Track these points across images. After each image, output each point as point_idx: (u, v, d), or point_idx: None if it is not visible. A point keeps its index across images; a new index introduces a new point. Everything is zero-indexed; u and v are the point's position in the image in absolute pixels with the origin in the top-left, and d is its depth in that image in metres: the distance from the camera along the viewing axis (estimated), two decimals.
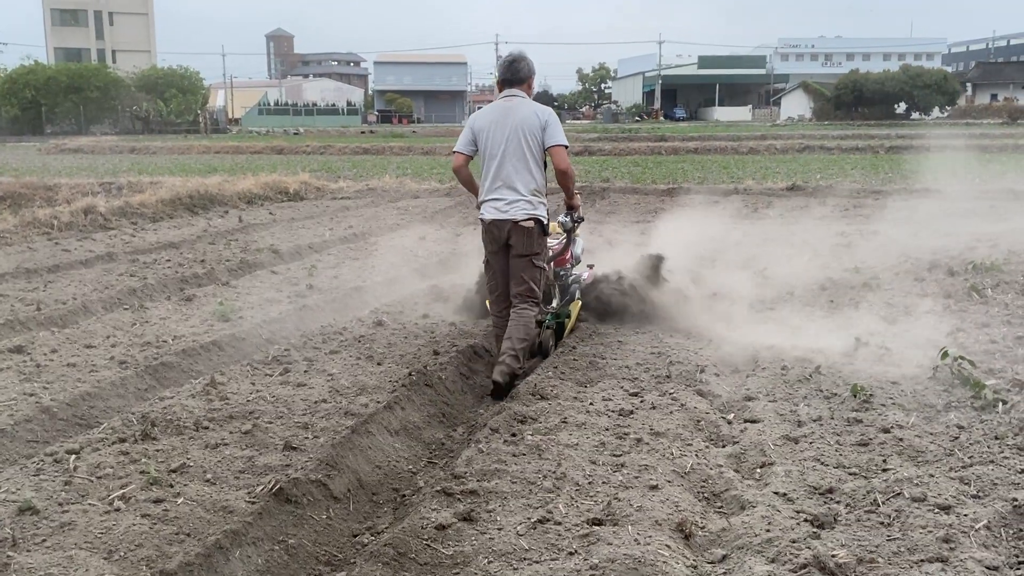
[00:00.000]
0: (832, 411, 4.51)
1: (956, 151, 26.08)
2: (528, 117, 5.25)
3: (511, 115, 5.28)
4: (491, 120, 5.33)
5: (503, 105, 5.34)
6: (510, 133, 5.25)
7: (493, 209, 5.34)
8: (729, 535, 3.23)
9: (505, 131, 5.26)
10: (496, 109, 5.36)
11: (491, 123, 5.32)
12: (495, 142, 5.29)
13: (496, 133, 5.29)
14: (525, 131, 5.24)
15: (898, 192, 16.22)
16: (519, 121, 5.25)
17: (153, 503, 3.51)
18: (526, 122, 5.25)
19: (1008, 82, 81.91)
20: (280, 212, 14.96)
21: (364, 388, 5.06)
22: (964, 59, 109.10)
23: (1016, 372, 5.01)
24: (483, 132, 5.35)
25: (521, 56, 5.44)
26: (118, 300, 7.51)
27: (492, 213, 5.34)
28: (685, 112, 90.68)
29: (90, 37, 74.85)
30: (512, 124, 5.25)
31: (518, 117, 5.26)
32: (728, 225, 11.77)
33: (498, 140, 5.27)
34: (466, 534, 3.21)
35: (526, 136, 5.24)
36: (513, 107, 5.30)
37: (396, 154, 33.93)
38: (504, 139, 5.26)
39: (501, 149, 5.27)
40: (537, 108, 5.32)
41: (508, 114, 5.29)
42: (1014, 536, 3.11)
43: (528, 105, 5.32)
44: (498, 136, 5.28)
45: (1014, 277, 7.84)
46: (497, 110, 5.35)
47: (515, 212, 5.28)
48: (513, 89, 5.38)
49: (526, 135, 5.24)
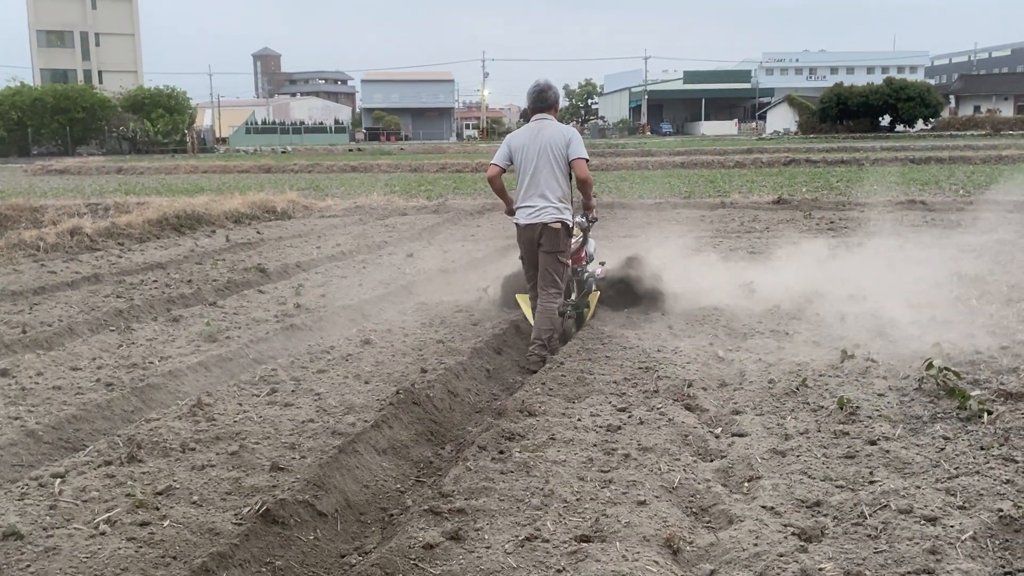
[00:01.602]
0: (819, 424, 4.52)
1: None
2: (555, 136, 6.26)
3: (542, 134, 6.29)
4: (525, 139, 6.35)
5: (535, 126, 6.36)
6: (541, 150, 6.26)
7: (527, 214, 6.36)
8: (717, 550, 3.23)
9: (537, 148, 6.27)
10: (529, 130, 6.39)
11: (525, 141, 6.33)
12: (528, 157, 6.30)
13: (529, 150, 6.30)
14: (553, 148, 6.24)
15: (883, 204, 16.33)
16: (548, 139, 6.26)
17: (139, 526, 3.49)
18: (554, 140, 6.25)
19: (990, 94, 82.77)
20: (267, 231, 14.94)
21: (351, 407, 5.04)
22: (947, 71, 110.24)
23: (1001, 382, 5.04)
24: (519, 149, 6.36)
25: (548, 86, 6.45)
26: (104, 322, 7.48)
27: (526, 218, 6.37)
28: (672, 127, 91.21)
29: (76, 58, 74.82)
30: (542, 142, 6.26)
31: (547, 136, 6.27)
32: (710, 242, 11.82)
33: (531, 156, 6.29)
34: (454, 553, 3.20)
35: (554, 152, 6.24)
36: (543, 128, 6.32)
37: (384, 171, 33.99)
38: (536, 155, 6.27)
39: (534, 163, 6.28)
40: (563, 128, 6.35)
41: (539, 133, 6.30)
42: (1000, 547, 3.13)
43: (555, 126, 6.35)
44: (531, 152, 6.29)
45: (998, 288, 7.90)
46: (530, 130, 6.37)
47: (545, 216, 6.29)
48: (543, 113, 6.40)
49: (554, 151, 6.24)
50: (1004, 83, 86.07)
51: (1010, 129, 63.55)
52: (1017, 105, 79.82)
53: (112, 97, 61.14)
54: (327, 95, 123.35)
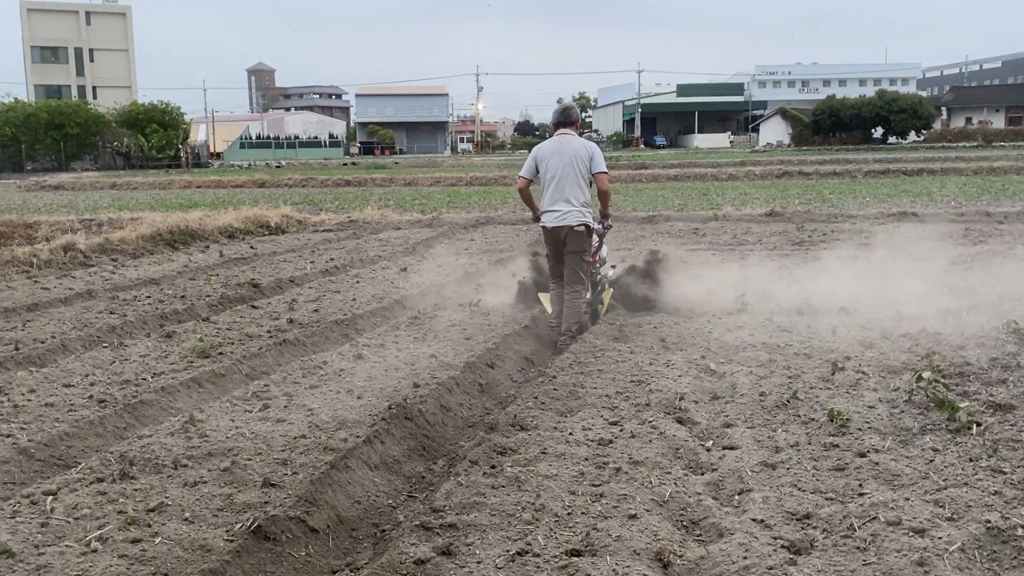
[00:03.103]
0: (809, 436, 4.54)
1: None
2: (579, 149, 7.08)
3: (566, 147, 7.09)
4: (551, 151, 7.15)
5: (559, 140, 7.16)
6: (566, 161, 7.05)
7: (553, 218, 7.11)
8: (707, 563, 3.25)
9: (562, 160, 7.05)
10: (554, 143, 7.18)
11: (550, 153, 7.13)
12: (553, 168, 7.08)
13: (554, 161, 7.09)
14: (576, 160, 7.04)
15: (875, 216, 16.40)
16: (572, 152, 7.07)
17: (131, 543, 3.49)
18: (577, 153, 7.06)
19: (982, 105, 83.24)
20: (261, 246, 14.95)
21: (344, 423, 5.05)
22: (938, 83, 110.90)
23: (991, 394, 5.06)
24: (544, 160, 7.15)
25: (571, 105, 7.48)
26: (97, 338, 7.48)
27: (553, 221, 7.13)
28: (665, 140, 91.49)
29: (71, 74, 74.97)
30: (567, 154, 7.06)
31: (571, 149, 7.08)
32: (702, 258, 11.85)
33: (556, 166, 7.07)
34: (445, 568, 3.21)
35: (577, 163, 7.04)
36: (567, 142, 7.13)
37: (378, 186, 34.03)
38: (561, 165, 7.05)
39: (559, 173, 7.05)
40: (586, 143, 7.17)
41: (564, 147, 7.10)
42: (988, 558, 3.14)
43: (578, 140, 7.18)
44: (555, 163, 7.07)
45: (988, 299, 7.94)
46: (555, 144, 7.16)
47: (570, 219, 7.08)
48: (566, 129, 7.21)
49: (576, 162, 7.04)
50: (995, 95, 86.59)
51: (1001, 140, 63.93)
52: (1008, 116, 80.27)
53: (106, 112, 61.23)
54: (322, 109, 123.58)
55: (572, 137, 7.19)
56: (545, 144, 7.29)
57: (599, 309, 8.00)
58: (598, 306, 7.99)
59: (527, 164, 7.27)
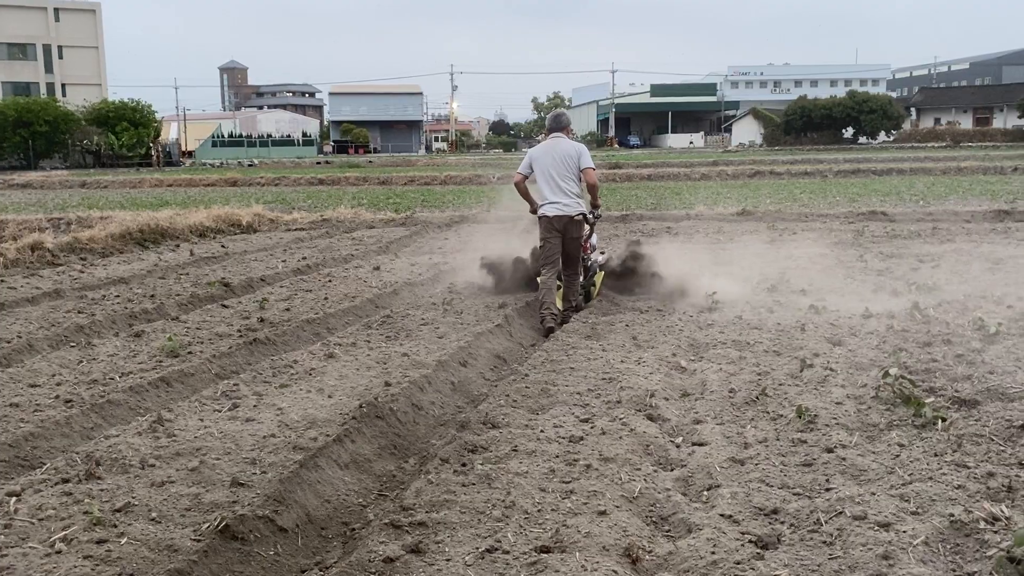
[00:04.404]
0: (778, 432, 4.58)
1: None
2: (569, 149, 7.88)
3: (556, 148, 7.89)
4: (543, 152, 7.93)
5: (551, 142, 7.96)
6: (557, 160, 7.83)
7: (554, 208, 7.82)
8: (675, 559, 3.26)
9: (555, 159, 7.83)
10: (547, 145, 7.99)
11: (543, 154, 7.91)
12: (547, 166, 7.85)
13: (546, 160, 7.87)
14: (567, 158, 7.83)
15: (845, 215, 16.57)
16: (563, 152, 7.86)
17: (96, 544, 3.45)
18: (567, 152, 7.85)
19: (950, 106, 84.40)
20: (232, 245, 14.84)
21: (314, 422, 5.02)
22: (908, 84, 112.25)
23: (956, 390, 5.13)
24: (538, 160, 7.91)
25: (563, 112, 8.37)
26: (65, 338, 7.38)
27: (554, 211, 7.83)
28: (639, 140, 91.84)
29: (39, 71, 73.84)
30: (558, 154, 7.85)
31: (562, 149, 7.87)
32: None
33: (549, 164, 7.84)
34: (414, 566, 3.20)
35: (567, 162, 7.82)
36: (558, 143, 7.92)
37: (352, 184, 33.90)
38: (553, 164, 7.82)
39: (552, 170, 7.82)
40: (574, 143, 8.00)
41: (555, 148, 7.90)
42: (951, 551, 3.19)
43: (567, 142, 7.98)
44: (548, 162, 7.85)
45: (955, 296, 8.05)
46: (547, 146, 7.97)
47: (570, 210, 7.83)
48: (557, 133, 7.99)
49: (567, 161, 7.82)
50: (963, 96, 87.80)
51: (969, 141, 64.83)
52: (976, 117, 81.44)
53: (76, 110, 60.36)
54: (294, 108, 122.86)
55: (563, 139, 7.97)
56: (539, 146, 8.12)
57: (591, 291, 8.81)
58: (591, 288, 8.81)
59: (523, 163, 8.04)
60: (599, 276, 9.03)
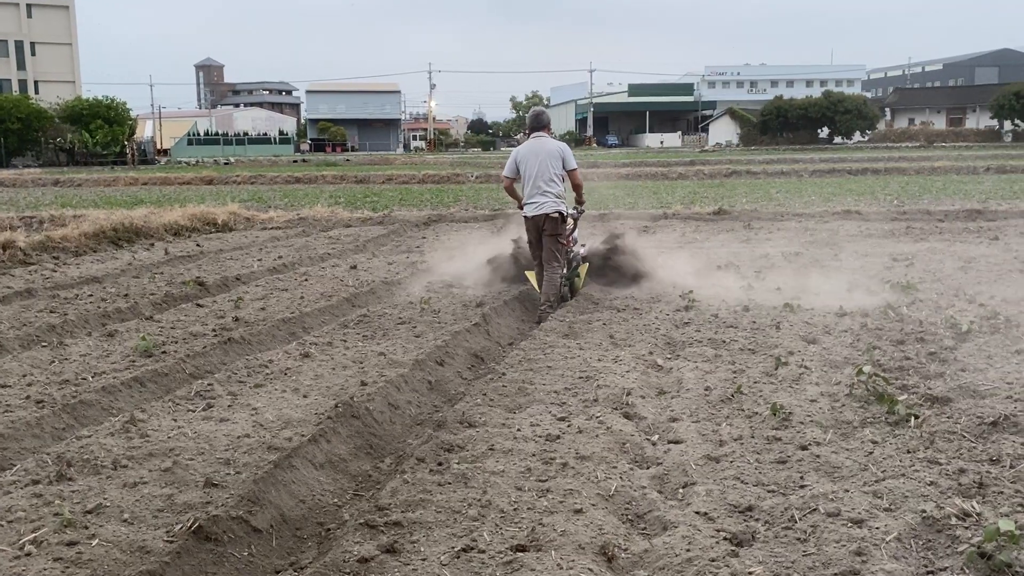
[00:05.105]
0: (753, 430, 4.60)
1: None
2: (552, 149, 8.13)
3: (541, 148, 8.12)
4: (528, 152, 8.16)
5: (535, 142, 8.18)
6: (542, 160, 8.05)
7: (534, 207, 8.08)
8: (651, 556, 3.27)
9: (539, 158, 8.06)
10: (531, 145, 8.20)
11: (528, 154, 8.14)
12: (532, 165, 8.06)
13: (532, 160, 8.08)
14: (551, 158, 8.07)
15: (820, 215, 16.68)
16: (547, 152, 8.10)
17: (66, 546, 3.40)
18: (551, 152, 8.10)
19: (924, 107, 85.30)
20: (208, 244, 14.71)
21: (289, 421, 4.99)
22: (882, 85, 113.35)
23: (928, 387, 5.18)
24: (524, 161, 8.14)
25: (542, 111, 8.54)
26: (36, 337, 7.29)
27: (533, 211, 8.10)
28: (617, 139, 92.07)
29: (11, 68, 72.90)
30: (543, 154, 8.08)
31: (546, 149, 8.11)
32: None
33: (534, 163, 8.05)
34: (389, 566, 3.19)
35: (551, 161, 8.05)
36: (542, 143, 8.16)
37: (329, 183, 33.73)
38: (538, 163, 8.04)
39: (536, 170, 8.03)
40: (557, 143, 8.24)
41: (540, 147, 8.12)
42: (923, 547, 3.21)
43: (551, 141, 8.24)
44: (533, 161, 8.06)
45: (928, 295, 8.13)
46: (532, 145, 8.18)
47: (546, 208, 8.05)
48: (539, 132, 8.22)
49: (551, 160, 8.05)
50: (937, 96, 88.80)
51: (942, 141, 65.57)
52: (949, 117, 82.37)
53: (49, 108, 59.64)
54: (271, 106, 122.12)
55: (547, 139, 8.22)
56: (523, 146, 8.31)
57: (576, 282, 9.06)
58: (575, 279, 9.05)
59: (508, 166, 8.30)
60: (583, 268, 9.29)
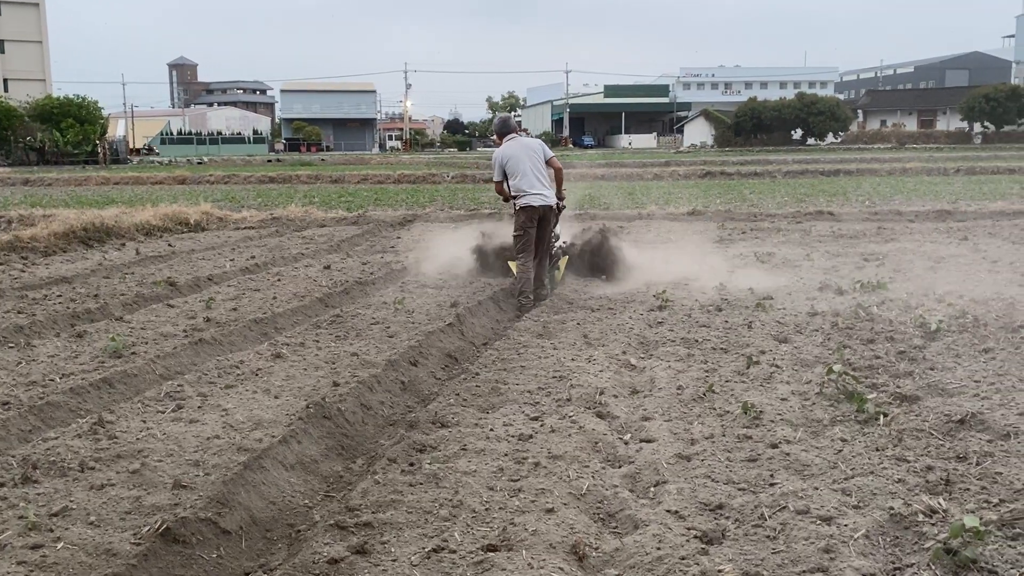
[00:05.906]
0: (724, 429, 4.62)
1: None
2: (535, 147, 8.82)
3: (527, 146, 8.77)
4: (516, 150, 8.68)
5: (517, 142, 8.77)
6: (531, 155, 8.65)
7: (540, 198, 8.57)
8: (622, 555, 3.28)
9: (527, 155, 8.65)
10: (514, 145, 8.74)
11: (517, 152, 8.66)
12: (524, 161, 8.60)
13: (522, 156, 8.63)
14: (535, 154, 8.70)
15: (793, 215, 16.81)
16: (531, 149, 8.74)
17: (31, 549, 3.36)
18: (534, 149, 8.76)
19: (895, 109, 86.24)
20: (180, 244, 14.58)
21: (260, 422, 4.95)
22: (855, 87, 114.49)
23: (897, 386, 5.23)
24: (513, 159, 8.63)
25: (507, 116, 9.29)
26: (3, 338, 7.18)
27: (539, 200, 8.57)
28: (593, 140, 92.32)
29: None
30: (529, 150, 8.70)
31: (531, 147, 8.79)
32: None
33: (526, 160, 8.61)
34: (359, 567, 3.17)
35: (536, 156, 8.68)
36: (525, 142, 8.82)
37: (303, 183, 33.53)
38: (529, 159, 8.62)
39: (529, 164, 8.58)
40: (535, 140, 9.00)
41: (525, 146, 8.75)
42: (891, 544, 3.24)
43: (529, 139, 8.96)
44: (524, 157, 8.62)
45: (899, 295, 8.21)
46: (515, 145, 8.74)
47: (550, 200, 8.67)
48: (512, 134, 8.84)
49: (536, 155, 8.68)
50: (908, 98, 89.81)
51: (914, 142, 66.33)
52: (920, 119, 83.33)
53: (19, 106, 58.82)
54: (245, 105, 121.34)
55: (524, 138, 8.90)
56: (507, 148, 8.75)
57: (555, 275, 9.47)
58: (555, 272, 9.45)
59: (496, 170, 8.78)
60: (563, 261, 9.72)
